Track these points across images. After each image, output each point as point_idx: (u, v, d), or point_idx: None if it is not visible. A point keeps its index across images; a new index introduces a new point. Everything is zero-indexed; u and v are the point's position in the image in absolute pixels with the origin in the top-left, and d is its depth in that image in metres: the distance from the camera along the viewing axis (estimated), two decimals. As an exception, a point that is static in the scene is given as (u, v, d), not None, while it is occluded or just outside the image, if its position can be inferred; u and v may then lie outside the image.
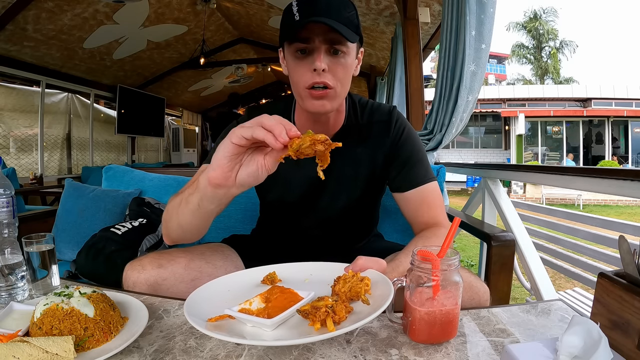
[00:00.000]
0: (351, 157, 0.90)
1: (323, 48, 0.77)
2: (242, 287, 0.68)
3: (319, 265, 0.74)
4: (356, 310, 0.58)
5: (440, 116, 2.17)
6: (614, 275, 0.53)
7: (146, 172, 1.76)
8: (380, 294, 0.59)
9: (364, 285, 0.60)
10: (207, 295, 0.63)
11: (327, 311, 0.53)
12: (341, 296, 0.59)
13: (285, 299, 0.58)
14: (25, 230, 0.77)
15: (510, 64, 23.25)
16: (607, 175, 1.27)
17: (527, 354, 0.46)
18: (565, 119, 13.49)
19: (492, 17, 1.91)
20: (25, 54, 4.37)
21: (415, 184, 0.88)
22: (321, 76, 0.78)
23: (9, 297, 0.69)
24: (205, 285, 0.66)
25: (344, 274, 0.62)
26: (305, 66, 0.79)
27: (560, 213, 1.97)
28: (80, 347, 0.53)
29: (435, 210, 0.88)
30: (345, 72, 0.81)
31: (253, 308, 0.58)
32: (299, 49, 0.78)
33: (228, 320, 0.57)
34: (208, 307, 0.59)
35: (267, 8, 5.08)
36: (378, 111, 0.93)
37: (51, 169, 5.31)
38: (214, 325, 0.54)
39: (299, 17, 0.75)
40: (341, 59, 0.79)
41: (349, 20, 0.77)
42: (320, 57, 0.77)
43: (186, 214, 0.71)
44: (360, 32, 0.81)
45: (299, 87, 0.81)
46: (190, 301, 0.59)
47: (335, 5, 0.77)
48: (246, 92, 9.99)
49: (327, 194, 0.92)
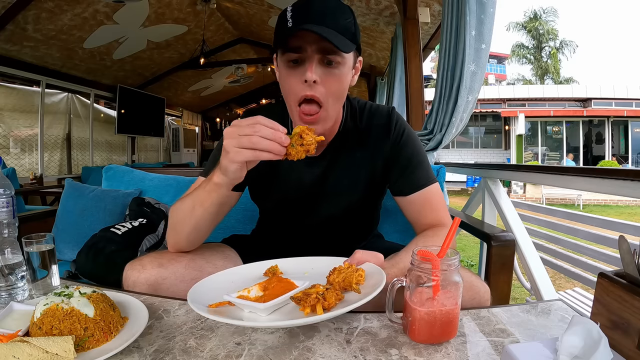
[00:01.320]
0: (350, 161, 0.89)
1: (316, 58, 0.73)
2: (244, 279, 0.70)
3: (319, 260, 0.76)
4: (347, 299, 0.60)
5: (440, 116, 2.17)
6: (614, 275, 0.53)
7: (146, 172, 1.76)
8: (373, 284, 0.61)
9: (357, 275, 0.62)
10: (210, 286, 0.66)
11: (318, 297, 0.56)
12: (335, 285, 0.61)
13: (281, 288, 0.62)
14: (25, 230, 0.77)
15: (510, 64, 23.25)
16: (607, 175, 1.27)
17: (527, 354, 0.46)
18: (565, 119, 13.49)
19: (492, 17, 1.91)
20: (25, 54, 4.37)
21: (417, 187, 0.86)
22: (312, 88, 0.74)
23: (9, 297, 0.69)
24: (210, 277, 0.69)
25: (340, 265, 0.65)
26: (296, 77, 0.75)
27: (560, 213, 1.97)
28: (80, 347, 0.53)
29: (438, 211, 0.87)
30: (339, 85, 0.76)
31: (251, 295, 0.61)
32: (291, 59, 0.74)
33: (228, 307, 0.60)
34: (210, 295, 0.62)
35: (267, 8, 5.09)
36: (377, 114, 0.91)
37: (51, 169, 5.31)
38: (214, 311, 0.57)
39: (291, 24, 0.72)
40: (335, 70, 0.75)
41: (345, 28, 0.73)
42: (312, 68, 0.72)
43: (205, 217, 0.76)
44: (357, 40, 0.77)
45: (289, 99, 0.78)
46: (194, 290, 0.62)
47: (331, 11, 0.73)
48: (246, 92, 10.00)
49: (326, 199, 0.91)
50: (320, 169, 0.89)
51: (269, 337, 0.59)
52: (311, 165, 0.88)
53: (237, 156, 0.64)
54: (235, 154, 0.64)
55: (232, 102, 10.63)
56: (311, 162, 0.88)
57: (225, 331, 0.60)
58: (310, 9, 0.72)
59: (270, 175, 0.91)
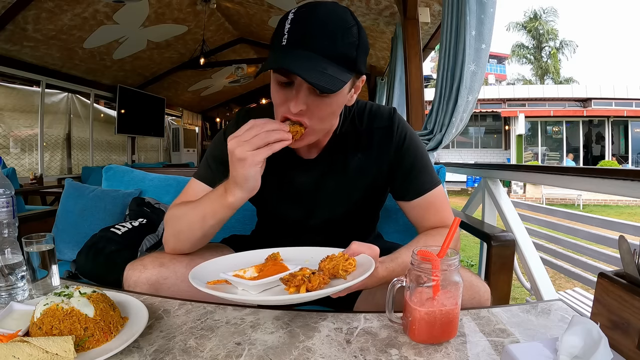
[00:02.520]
0: (350, 164, 0.86)
1: (304, 86, 0.67)
2: (246, 264, 0.72)
3: (319, 250, 0.78)
4: (332, 283, 0.62)
5: (440, 116, 2.17)
6: (614, 275, 0.53)
7: (146, 172, 1.76)
8: (359, 272, 0.63)
9: (347, 264, 0.64)
10: (212, 267, 0.70)
11: (303, 279, 0.59)
12: (325, 271, 0.63)
13: (275, 270, 0.65)
14: (25, 230, 0.77)
15: (510, 64, 23.25)
16: (607, 175, 1.27)
17: (527, 354, 0.46)
18: (565, 119, 13.49)
19: (492, 17, 1.91)
20: (25, 54, 4.37)
21: (421, 192, 0.84)
22: (297, 115, 0.69)
23: (9, 297, 0.69)
24: (213, 260, 0.73)
25: (334, 254, 0.67)
26: (283, 98, 0.71)
27: (560, 213, 1.97)
28: (80, 347, 0.53)
29: (442, 213, 0.86)
30: (329, 110, 0.72)
31: (246, 275, 0.65)
32: (280, 80, 0.69)
33: (225, 285, 0.64)
34: (212, 276, 0.66)
35: (267, 8, 5.08)
36: (378, 116, 0.87)
37: (51, 169, 5.31)
38: (211, 287, 0.61)
39: (285, 42, 0.66)
40: (326, 99, 0.69)
41: (343, 55, 0.66)
42: (298, 99, 0.67)
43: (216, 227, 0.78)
44: (357, 66, 0.70)
45: (277, 114, 0.74)
46: (196, 269, 0.67)
47: (329, 32, 0.65)
48: (246, 92, 10.00)
49: (323, 202, 0.89)
50: (317, 172, 0.87)
51: (269, 337, 0.59)
52: (308, 169, 0.87)
53: (256, 156, 0.65)
54: (253, 156, 0.64)
55: (232, 102, 10.63)
56: (307, 166, 0.87)
57: (225, 331, 0.61)
58: (308, 28, 0.66)
59: (268, 178, 0.90)
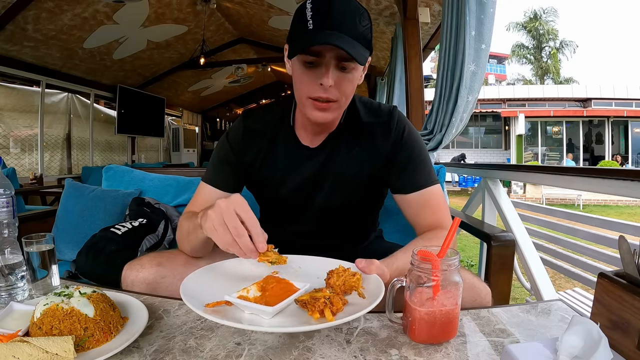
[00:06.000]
0: (350, 155, 0.89)
1: (332, 64, 0.75)
2: (239, 276, 0.69)
3: (308, 259, 0.76)
4: (350, 302, 0.60)
5: (440, 116, 2.17)
6: (614, 275, 0.53)
7: (146, 172, 1.76)
8: (374, 288, 0.61)
9: (356, 280, 0.63)
10: (202, 280, 0.65)
11: (326, 302, 0.56)
12: (336, 289, 0.61)
13: (281, 289, 0.61)
14: (25, 230, 0.77)
15: (510, 64, 23.25)
16: (607, 175, 1.27)
17: (527, 354, 0.46)
18: (565, 119, 13.49)
19: (492, 17, 1.91)
20: (25, 54, 4.37)
21: (417, 187, 0.86)
22: (327, 92, 0.76)
23: (9, 297, 0.69)
24: (199, 271, 0.68)
25: (336, 268, 0.65)
26: (312, 77, 0.77)
27: (560, 213, 1.97)
28: (80, 347, 0.53)
29: (438, 213, 0.86)
30: (351, 86, 0.80)
31: (250, 296, 0.60)
32: (308, 60, 0.76)
33: (225, 306, 0.58)
34: (204, 291, 0.61)
35: (267, 8, 5.09)
36: (379, 111, 0.91)
37: (51, 169, 5.31)
38: (212, 311, 0.56)
39: (312, 27, 0.72)
40: (349, 74, 0.77)
41: (362, 36, 0.74)
42: (329, 74, 0.74)
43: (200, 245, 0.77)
44: (371, 46, 0.78)
45: (302, 95, 0.80)
46: (186, 285, 0.61)
47: (351, 16, 0.73)
48: (246, 92, 10.01)
49: (322, 192, 0.91)
50: (320, 159, 0.90)
51: (269, 337, 0.59)
52: (311, 156, 0.90)
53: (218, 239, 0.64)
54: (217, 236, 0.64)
55: (232, 102, 10.64)
56: (311, 153, 0.90)
57: (225, 331, 0.60)
58: (331, 11, 0.72)
59: (271, 162, 0.92)
